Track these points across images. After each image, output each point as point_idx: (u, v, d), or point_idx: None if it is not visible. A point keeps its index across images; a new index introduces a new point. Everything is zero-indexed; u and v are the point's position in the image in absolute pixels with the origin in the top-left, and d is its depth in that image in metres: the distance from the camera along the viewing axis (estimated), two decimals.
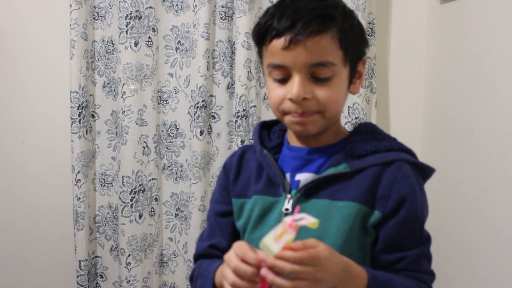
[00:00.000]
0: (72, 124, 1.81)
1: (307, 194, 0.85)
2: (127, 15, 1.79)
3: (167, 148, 1.90)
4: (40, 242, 1.97)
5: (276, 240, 0.68)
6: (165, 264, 1.95)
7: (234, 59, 1.82)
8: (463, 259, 1.53)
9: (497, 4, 1.38)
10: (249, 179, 0.93)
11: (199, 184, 1.84)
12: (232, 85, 1.85)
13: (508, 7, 1.31)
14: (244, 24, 1.77)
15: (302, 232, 0.72)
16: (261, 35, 0.84)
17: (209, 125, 1.87)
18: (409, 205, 0.83)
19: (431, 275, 0.86)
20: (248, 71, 1.80)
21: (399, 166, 0.84)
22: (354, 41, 0.84)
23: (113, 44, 1.86)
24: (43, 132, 1.94)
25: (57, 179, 1.93)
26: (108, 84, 1.88)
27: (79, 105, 1.81)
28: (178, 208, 1.92)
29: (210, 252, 0.97)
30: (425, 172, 0.89)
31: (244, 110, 1.81)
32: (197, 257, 0.99)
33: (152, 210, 1.90)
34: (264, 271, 0.68)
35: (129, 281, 1.87)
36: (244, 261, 0.70)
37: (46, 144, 1.94)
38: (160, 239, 1.94)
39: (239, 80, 1.80)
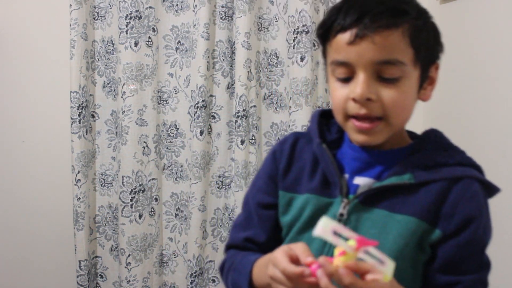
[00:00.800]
0: (72, 124, 1.81)
1: (365, 201, 0.78)
2: (127, 15, 1.79)
3: (167, 148, 1.90)
4: (40, 242, 1.97)
5: (335, 235, 0.64)
6: (165, 264, 1.95)
7: (234, 59, 1.82)
8: None
9: (497, 4, 1.38)
10: (302, 173, 0.86)
11: (199, 184, 1.84)
12: (232, 85, 1.84)
13: (508, 7, 1.31)
14: (244, 24, 1.77)
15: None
16: (325, 30, 0.78)
17: (209, 125, 1.87)
18: (473, 227, 0.76)
19: None
20: (248, 71, 1.79)
21: (468, 184, 0.77)
22: (427, 41, 0.77)
23: (113, 44, 1.86)
24: (43, 132, 1.94)
25: (57, 179, 1.93)
26: (108, 84, 1.88)
27: (79, 105, 1.81)
28: (178, 208, 1.92)
29: (245, 245, 0.90)
30: (491, 191, 0.82)
31: (244, 110, 1.81)
32: (230, 247, 0.93)
33: (152, 210, 1.90)
34: (320, 274, 0.63)
35: (129, 281, 1.87)
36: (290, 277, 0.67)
37: (46, 144, 1.94)
38: (160, 239, 1.94)
39: (239, 80, 1.80)
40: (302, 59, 1.77)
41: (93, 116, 1.89)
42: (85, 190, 1.85)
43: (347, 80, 0.76)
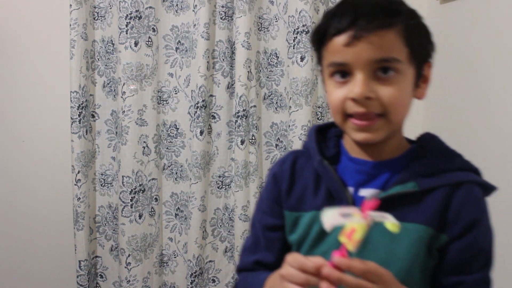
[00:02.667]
0: (72, 124, 1.81)
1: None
2: (127, 15, 1.79)
3: (167, 148, 1.90)
4: (40, 242, 1.97)
5: (342, 216, 0.64)
6: (165, 264, 1.95)
7: (234, 59, 1.82)
8: None
9: (497, 4, 1.38)
10: (305, 191, 0.87)
11: (199, 184, 1.84)
12: (232, 85, 1.84)
13: (508, 7, 1.31)
14: (244, 24, 1.77)
15: (367, 253, 0.70)
16: (321, 35, 0.79)
17: (209, 125, 1.87)
18: (476, 230, 0.79)
19: None
20: (248, 71, 1.79)
21: (469, 189, 0.80)
22: (420, 39, 0.80)
23: (113, 44, 1.86)
24: (43, 132, 1.94)
25: (57, 179, 1.93)
26: (108, 84, 1.88)
27: (79, 105, 1.81)
28: (178, 208, 1.92)
29: (254, 268, 0.91)
30: (489, 190, 0.85)
31: (244, 110, 1.81)
32: (241, 270, 0.95)
33: (152, 210, 1.90)
34: (327, 270, 0.64)
35: (129, 281, 1.87)
36: (304, 271, 0.67)
37: (46, 144, 1.94)
38: (160, 239, 1.94)
39: (239, 80, 1.80)
40: (302, 59, 1.77)
41: (93, 116, 1.89)
42: (85, 190, 1.85)
43: (344, 81, 0.77)
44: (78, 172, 1.82)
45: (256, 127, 1.84)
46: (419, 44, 0.79)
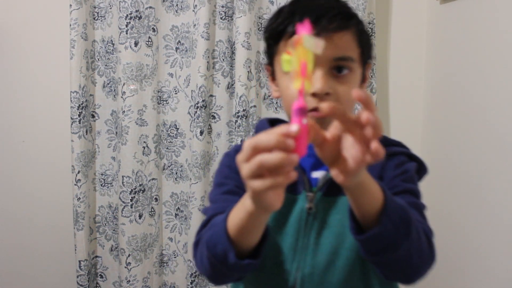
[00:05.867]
0: (72, 124, 1.81)
1: (328, 192, 0.84)
2: (127, 15, 1.79)
3: (167, 148, 1.90)
4: (40, 242, 1.97)
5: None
6: (165, 264, 1.95)
7: (234, 59, 1.82)
8: (464, 254, 1.53)
9: (497, 4, 1.38)
10: None
11: (199, 184, 1.84)
12: (232, 85, 1.85)
13: (508, 7, 1.31)
14: (244, 24, 1.77)
15: (324, 232, 0.78)
16: (279, 32, 0.85)
17: (209, 125, 1.87)
18: (403, 177, 0.85)
19: (425, 225, 0.81)
20: (248, 71, 1.79)
21: (399, 156, 0.89)
22: (367, 41, 0.89)
23: (113, 44, 1.86)
24: (43, 132, 1.94)
25: (57, 179, 1.93)
26: (108, 84, 1.88)
27: (79, 105, 1.81)
28: (178, 208, 1.92)
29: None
30: (420, 171, 0.92)
31: (244, 110, 1.81)
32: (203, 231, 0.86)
33: (152, 210, 1.90)
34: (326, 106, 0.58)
35: (129, 281, 1.87)
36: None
37: (46, 144, 1.94)
38: (160, 239, 1.94)
39: (239, 80, 1.80)
40: None
41: (93, 116, 1.89)
42: (85, 190, 1.85)
43: None
44: (78, 172, 1.82)
45: None
46: (368, 45, 0.89)
